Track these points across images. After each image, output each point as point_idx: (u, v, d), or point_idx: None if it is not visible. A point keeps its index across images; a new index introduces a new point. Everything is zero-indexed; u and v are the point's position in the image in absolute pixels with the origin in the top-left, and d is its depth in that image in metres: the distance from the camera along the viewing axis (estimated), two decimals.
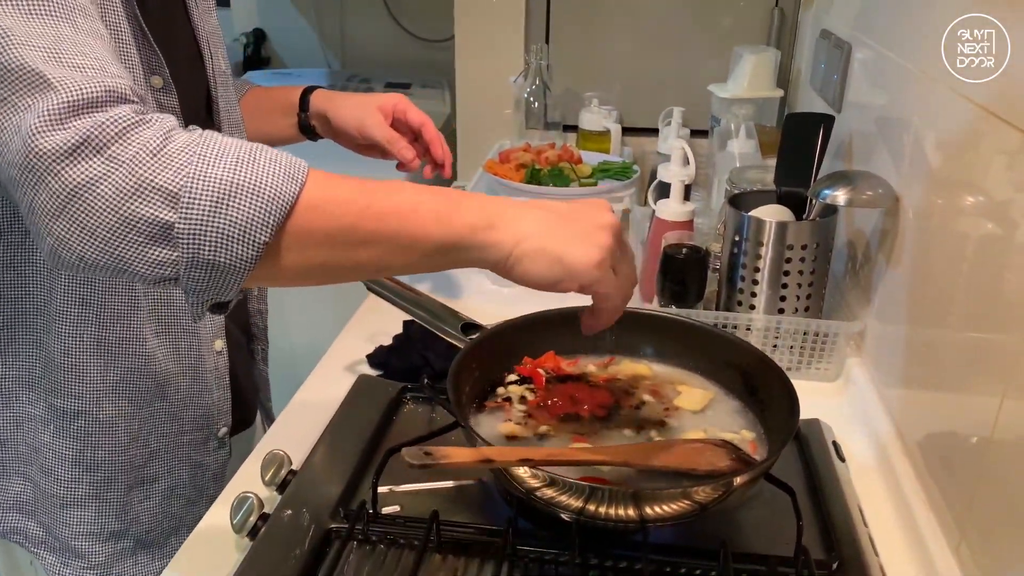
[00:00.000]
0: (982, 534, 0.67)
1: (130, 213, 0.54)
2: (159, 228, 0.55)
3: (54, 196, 0.54)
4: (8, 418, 0.83)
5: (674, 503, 0.67)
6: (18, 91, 0.56)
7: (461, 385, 0.79)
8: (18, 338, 0.80)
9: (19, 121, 0.55)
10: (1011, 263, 0.67)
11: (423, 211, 0.61)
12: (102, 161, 0.54)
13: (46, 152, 0.54)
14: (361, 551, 0.72)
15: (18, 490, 0.85)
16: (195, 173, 0.55)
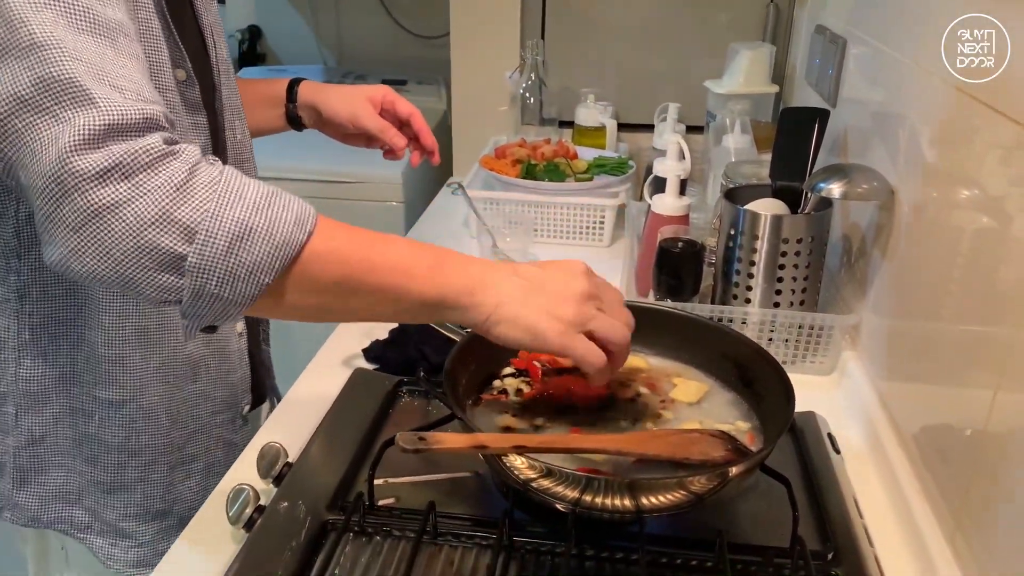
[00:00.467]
0: (977, 524, 0.68)
1: (147, 241, 0.57)
2: (172, 258, 0.58)
3: (77, 212, 0.57)
4: (47, 416, 0.84)
5: (670, 493, 0.67)
6: (61, 102, 0.58)
7: (457, 378, 0.79)
8: (59, 336, 0.82)
9: (57, 133, 0.57)
10: (1005, 256, 0.68)
11: (415, 271, 0.65)
12: (129, 187, 0.57)
13: (78, 171, 0.56)
14: (357, 543, 0.72)
15: (60, 482, 0.87)
16: (214, 211, 0.59)
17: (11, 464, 0.86)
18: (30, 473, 0.86)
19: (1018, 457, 0.62)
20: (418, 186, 2.04)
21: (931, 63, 0.88)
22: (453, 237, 1.47)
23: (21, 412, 0.84)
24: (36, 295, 0.80)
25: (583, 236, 1.44)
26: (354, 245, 0.65)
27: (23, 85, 0.58)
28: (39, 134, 0.58)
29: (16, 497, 0.87)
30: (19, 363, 0.82)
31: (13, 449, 0.85)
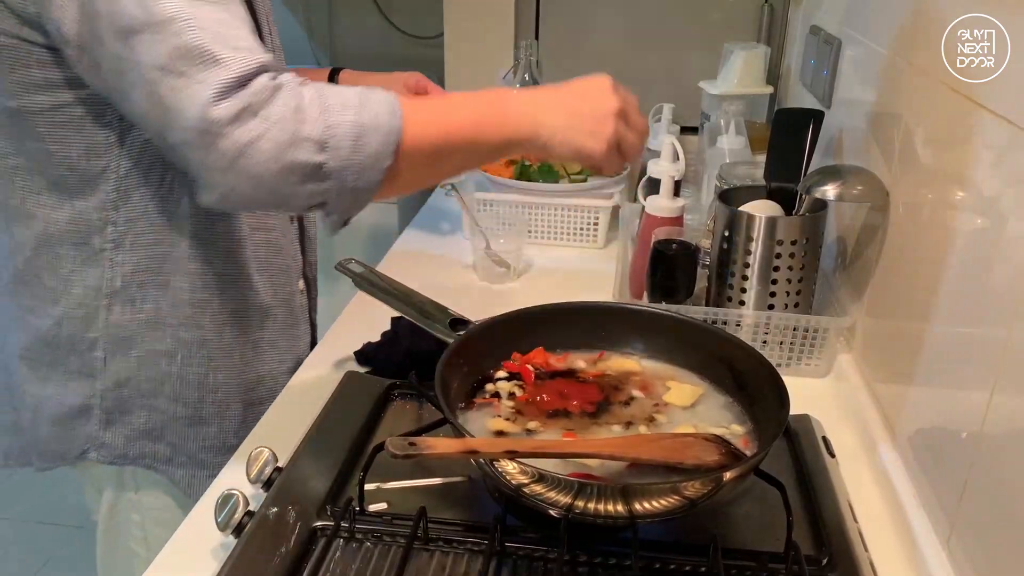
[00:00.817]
0: (972, 528, 0.67)
1: (289, 160, 0.69)
2: (312, 169, 0.70)
3: (225, 154, 0.67)
4: (132, 359, 0.91)
5: (664, 498, 0.66)
6: (196, 67, 0.67)
7: (449, 381, 0.79)
8: (147, 283, 0.89)
9: (196, 92, 0.67)
10: (999, 257, 0.67)
11: (487, 126, 0.79)
12: (259, 122, 0.68)
13: (218, 119, 0.66)
14: (347, 548, 0.71)
15: (143, 420, 0.93)
16: (332, 122, 0.70)
17: (98, 407, 0.92)
18: (115, 414, 0.92)
19: (1014, 460, 0.62)
20: None
21: (926, 64, 0.87)
22: (447, 238, 1.46)
23: (108, 356, 0.90)
24: (129, 245, 0.87)
25: (577, 237, 1.43)
26: (435, 115, 0.78)
27: (162, 56, 0.67)
28: (180, 95, 0.67)
29: (103, 437, 0.93)
30: (110, 310, 0.88)
31: (100, 392, 0.91)
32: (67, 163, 0.83)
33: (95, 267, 0.87)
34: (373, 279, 0.97)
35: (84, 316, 0.88)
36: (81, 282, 0.88)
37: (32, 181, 0.85)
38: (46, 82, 0.79)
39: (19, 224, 0.87)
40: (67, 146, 0.82)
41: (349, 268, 0.98)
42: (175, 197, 0.86)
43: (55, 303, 0.88)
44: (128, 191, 0.85)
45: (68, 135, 0.81)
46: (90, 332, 0.89)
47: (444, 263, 1.37)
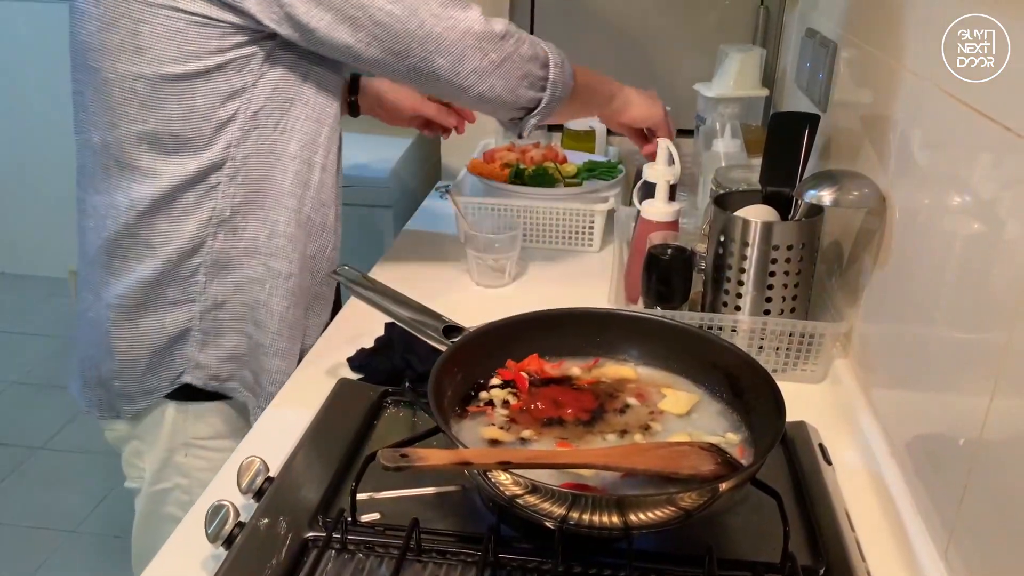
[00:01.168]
0: (971, 536, 0.67)
1: (529, 71, 1.02)
2: (541, 80, 1.04)
3: (493, 61, 0.98)
4: (227, 282, 1.01)
5: (659, 509, 0.66)
6: (456, 10, 0.96)
7: (443, 389, 0.78)
8: (251, 213, 1.00)
9: (471, 19, 0.96)
10: (997, 262, 0.67)
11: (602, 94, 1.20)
12: (515, 41, 1.00)
13: (495, 32, 0.98)
14: (339, 560, 0.70)
15: (234, 344, 1.04)
16: (548, 49, 1.05)
17: (196, 328, 1.02)
18: (211, 336, 1.03)
19: (1014, 467, 0.61)
20: (406, 189, 2.02)
21: (922, 67, 0.87)
22: (441, 241, 1.45)
23: (208, 280, 1.00)
24: (242, 178, 0.98)
25: (572, 241, 1.42)
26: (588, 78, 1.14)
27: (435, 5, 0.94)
28: (458, 24, 0.95)
29: (199, 358, 1.03)
30: (215, 237, 0.99)
31: (199, 314, 1.01)
32: (208, 112, 0.94)
33: (209, 199, 0.98)
34: (366, 285, 0.96)
35: (193, 247, 0.99)
36: (194, 216, 0.98)
37: (163, 144, 0.95)
38: (218, 48, 0.92)
39: (141, 183, 0.96)
40: (211, 97, 0.94)
41: (342, 274, 0.97)
42: (285, 139, 0.99)
43: (166, 244, 0.98)
44: (249, 131, 0.97)
45: (217, 87, 0.94)
46: (195, 259, 0.99)
47: (438, 267, 1.36)
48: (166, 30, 0.90)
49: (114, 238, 0.99)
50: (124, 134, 0.95)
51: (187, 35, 0.91)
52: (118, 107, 0.94)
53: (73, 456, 2.49)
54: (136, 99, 0.93)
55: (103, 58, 0.93)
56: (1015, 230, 0.64)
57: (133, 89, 0.93)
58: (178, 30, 0.91)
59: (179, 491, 1.07)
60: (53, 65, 3.20)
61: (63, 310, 3.17)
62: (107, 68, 0.93)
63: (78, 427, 2.62)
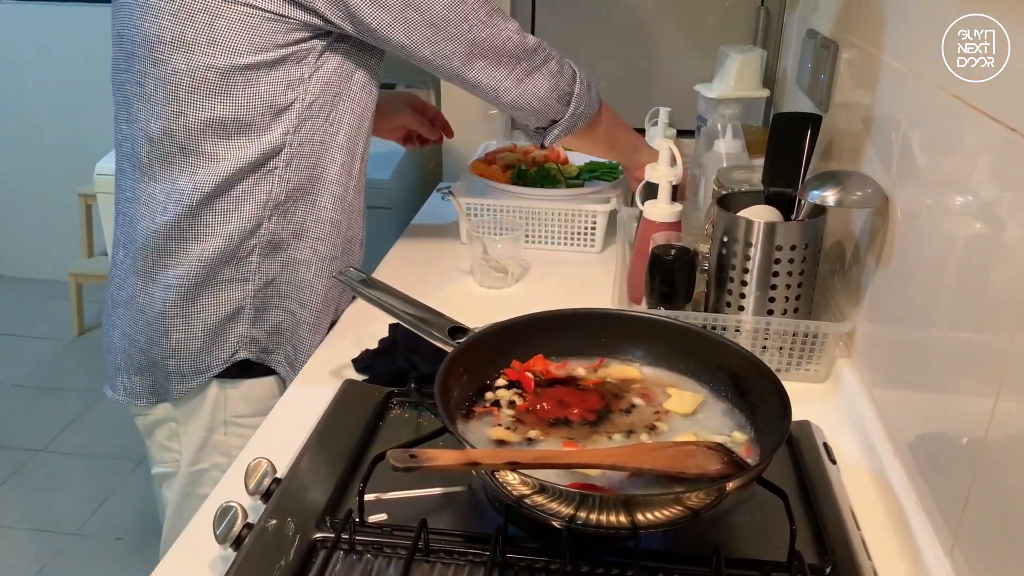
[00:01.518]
0: (976, 537, 0.67)
1: (557, 84, 1.12)
2: (567, 94, 1.14)
3: (525, 70, 1.09)
4: (277, 262, 1.08)
5: (666, 509, 0.66)
6: (500, 19, 1.06)
7: (449, 390, 0.78)
8: (300, 198, 1.07)
9: (507, 33, 1.06)
10: (1000, 262, 0.67)
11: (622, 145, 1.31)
12: (546, 54, 1.11)
13: (530, 44, 1.08)
14: (348, 560, 0.70)
15: (277, 320, 1.10)
16: (574, 67, 1.16)
17: (250, 305, 1.07)
18: (261, 312, 1.09)
19: (1017, 467, 0.61)
20: (407, 190, 2.03)
21: (923, 68, 0.87)
22: (443, 242, 1.45)
23: (261, 260, 1.06)
24: (295, 164, 1.05)
25: (575, 242, 1.43)
26: (609, 123, 1.25)
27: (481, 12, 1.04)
28: (500, 32, 1.05)
29: (252, 332, 1.08)
30: (270, 219, 1.05)
31: (252, 292, 1.07)
32: (270, 100, 1.01)
33: (267, 183, 1.04)
34: (371, 287, 0.96)
35: (251, 229, 1.05)
36: (254, 199, 1.04)
37: (227, 129, 1.00)
38: (285, 42, 0.99)
39: (205, 168, 1.01)
40: (274, 85, 1.00)
41: (347, 276, 0.98)
42: (334, 130, 1.06)
43: (226, 224, 1.03)
44: (304, 120, 1.03)
45: (279, 76, 1.00)
46: (252, 240, 1.05)
47: (441, 268, 1.36)
48: (241, 25, 0.97)
49: (175, 222, 1.03)
50: (191, 121, 1.00)
51: (259, 30, 0.97)
52: (186, 96, 0.99)
53: (74, 459, 2.49)
54: (205, 87, 0.99)
55: (175, 50, 0.98)
56: (1017, 231, 0.64)
57: (204, 78, 0.98)
58: (252, 25, 0.97)
59: (216, 470, 1.11)
60: (53, 68, 3.21)
61: (63, 313, 3.17)
62: (179, 59, 0.98)
63: (78, 430, 2.62)
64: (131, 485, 2.36)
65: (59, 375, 2.91)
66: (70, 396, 2.76)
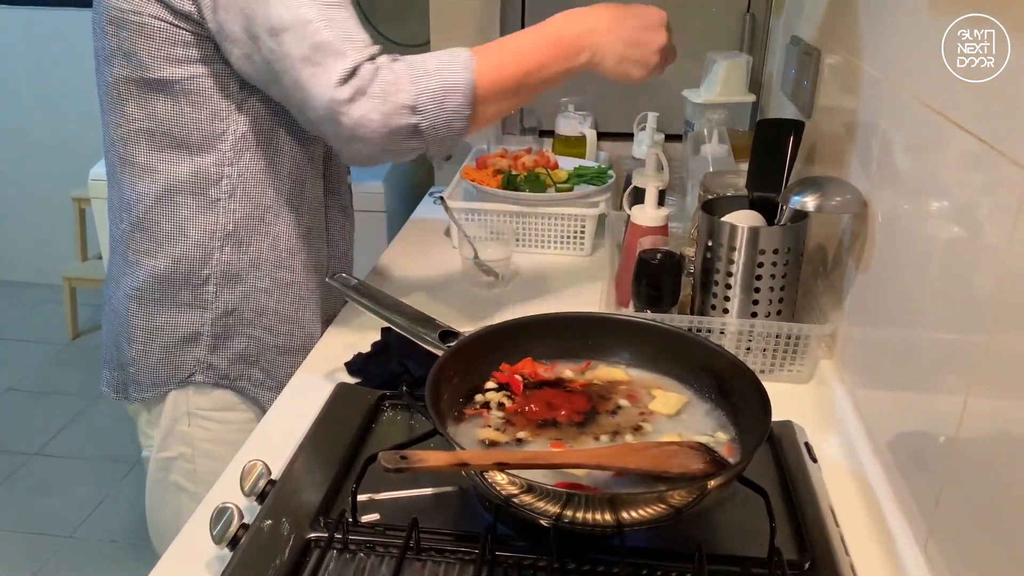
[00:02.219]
0: (949, 531, 0.69)
1: (393, 125, 0.90)
2: (410, 129, 0.91)
3: (347, 125, 0.89)
4: (237, 292, 1.07)
5: (650, 507, 0.68)
6: (327, 58, 0.88)
7: (439, 392, 0.80)
8: (252, 228, 1.06)
9: (326, 78, 0.88)
10: (973, 265, 0.69)
11: (549, 61, 0.98)
12: (368, 100, 0.89)
13: (340, 98, 0.88)
14: (341, 560, 0.72)
15: (243, 346, 1.10)
16: (419, 90, 0.90)
17: (207, 333, 1.07)
18: (221, 340, 1.08)
19: (988, 463, 0.64)
20: (400, 195, 2.05)
21: (899, 77, 0.90)
22: (435, 246, 1.47)
23: (219, 290, 1.06)
24: (240, 195, 1.04)
25: (564, 245, 1.45)
26: (506, 61, 0.96)
27: (304, 48, 0.88)
28: (317, 79, 0.88)
29: (209, 359, 1.08)
30: (222, 250, 1.05)
31: (210, 320, 1.07)
32: (194, 125, 1.00)
33: (211, 214, 1.03)
34: (363, 292, 0.98)
35: (201, 255, 1.04)
36: (198, 226, 1.04)
37: (157, 141, 1.01)
38: (185, 58, 0.97)
39: (142, 179, 1.02)
40: (197, 110, 0.99)
41: (338, 281, 1.00)
42: (279, 159, 1.05)
43: (174, 244, 1.04)
44: (242, 151, 1.02)
45: (199, 101, 0.99)
46: (205, 269, 1.05)
47: (432, 272, 1.38)
48: (139, 35, 0.96)
49: (129, 231, 1.06)
50: (126, 132, 1.01)
51: (154, 40, 0.96)
52: (119, 107, 1.01)
53: (68, 462, 2.50)
54: (132, 100, 1.00)
55: (104, 63, 1.02)
56: (989, 234, 0.67)
57: (129, 91, 1.00)
58: (147, 35, 0.96)
59: (183, 459, 1.12)
60: (47, 72, 3.22)
61: (57, 317, 3.18)
62: (106, 71, 1.01)
63: (73, 433, 2.63)
64: (126, 488, 2.37)
65: (54, 379, 2.92)
66: (65, 399, 2.77)
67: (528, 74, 0.97)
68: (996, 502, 0.62)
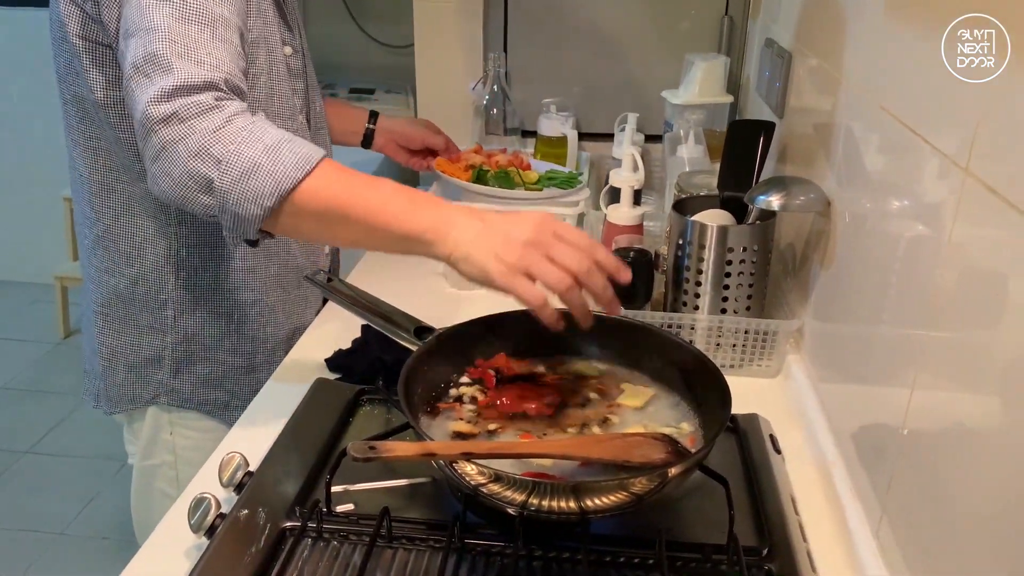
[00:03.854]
0: (898, 516, 0.72)
1: (191, 167, 0.80)
2: (205, 182, 0.80)
3: (153, 147, 0.80)
4: (198, 317, 1.07)
5: (612, 495, 0.71)
6: (155, 71, 0.81)
7: (413, 387, 0.82)
8: (207, 253, 1.05)
9: (146, 91, 0.80)
10: (926, 263, 0.72)
11: (390, 210, 0.81)
12: (183, 128, 0.79)
13: (153, 116, 0.80)
14: (315, 548, 0.75)
15: (205, 371, 1.10)
16: (235, 150, 0.79)
17: (169, 357, 1.08)
18: (183, 363, 1.08)
19: (930, 454, 0.67)
20: None
21: (860, 81, 0.93)
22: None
23: (178, 315, 1.06)
24: (190, 222, 1.03)
25: None
26: (343, 186, 0.82)
27: (139, 56, 0.82)
28: (140, 91, 0.81)
29: (172, 383, 1.09)
30: (177, 275, 1.05)
31: (171, 345, 1.07)
32: (133, 149, 0.96)
33: (164, 239, 1.03)
34: (340, 289, 1.00)
35: (156, 279, 1.04)
36: (153, 250, 1.04)
37: (112, 160, 1.01)
38: (116, 78, 0.94)
39: (102, 196, 1.02)
40: (132, 134, 0.91)
41: (316, 279, 1.02)
42: None
43: (130, 265, 1.04)
44: None
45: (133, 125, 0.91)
46: (161, 294, 1.05)
47: (415, 271, 1.40)
48: (71, 53, 0.96)
49: (91, 246, 1.07)
50: (83, 150, 1.02)
51: (85, 57, 0.95)
52: (75, 124, 1.02)
53: (59, 460, 2.52)
54: (86, 119, 1.00)
55: (59, 80, 1.01)
56: (941, 234, 0.69)
57: (83, 109, 1.00)
58: (77, 53, 0.95)
59: (166, 467, 1.13)
60: (36, 72, 3.22)
61: (49, 316, 3.19)
62: (62, 88, 1.02)
63: (64, 432, 2.64)
64: (116, 486, 2.39)
65: (45, 378, 2.93)
66: (56, 398, 2.79)
67: (356, 208, 0.81)
68: (939, 487, 0.65)
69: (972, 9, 0.63)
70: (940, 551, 0.64)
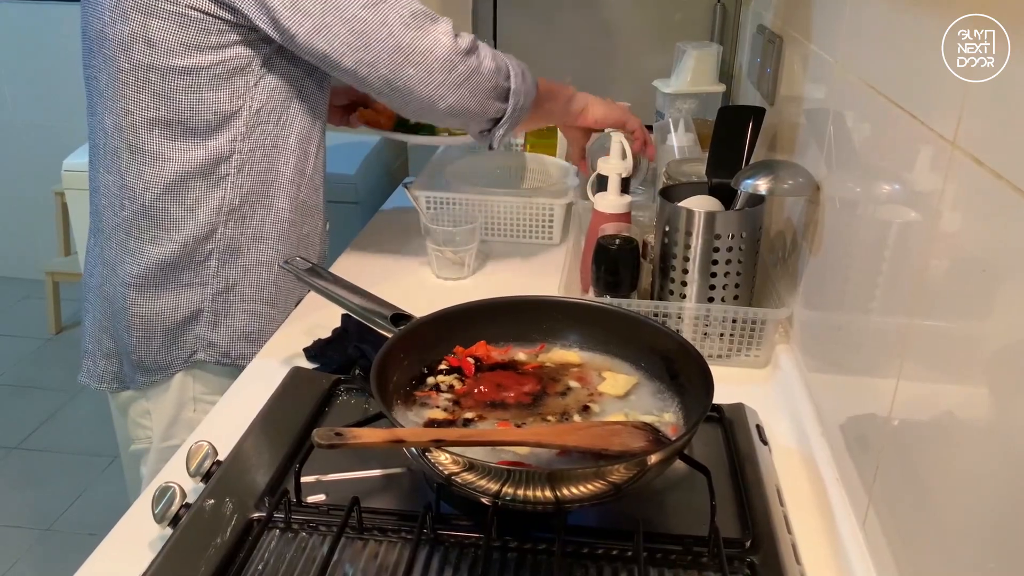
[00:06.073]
0: (884, 507, 0.70)
1: (496, 83, 1.07)
2: (505, 91, 1.08)
3: (462, 75, 1.02)
4: (239, 267, 1.10)
5: (589, 484, 0.68)
6: (426, 22, 1.01)
7: (387, 375, 0.80)
8: (256, 203, 1.09)
9: (438, 35, 1.00)
10: (915, 251, 0.69)
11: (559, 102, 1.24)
12: (480, 55, 1.05)
13: (462, 48, 1.02)
14: (283, 539, 0.72)
15: (244, 323, 1.13)
16: (505, 63, 1.08)
17: (208, 309, 1.10)
18: (221, 316, 1.11)
19: (915, 444, 0.64)
20: (374, 185, 2.04)
21: (851, 64, 0.90)
22: (405, 235, 1.47)
23: (219, 265, 1.09)
24: (247, 170, 1.07)
25: (532, 234, 1.45)
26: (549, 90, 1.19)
27: (405, 16, 0.99)
28: (428, 38, 1.00)
29: (211, 337, 1.11)
30: (225, 225, 1.08)
31: (211, 296, 1.10)
32: (215, 107, 1.02)
33: (219, 189, 1.06)
34: (318, 276, 0.98)
35: (206, 233, 1.07)
36: (206, 205, 1.06)
37: (172, 130, 1.02)
38: (217, 44, 0.99)
39: (152, 167, 1.04)
40: (216, 92, 1.01)
41: (294, 265, 1.00)
42: (285, 134, 1.08)
43: (181, 229, 1.06)
44: (253, 127, 1.05)
45: (220, 84, 1.01)
46: (208, 244, 1.08)
47: (401, 260, 1.38)
48: (171, 24, 0.98)
49: (131, 219, 1.06)
50: (137, 120, 1.02)
51: (189, 30, 0.98)
52: (133, 95, 1.01)
53: (47, 456, 2.50)
54: (149, 88, 1.01)
55: (118, 49, 1.00)
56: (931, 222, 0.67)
57: (147, 79, 1.00)
58: (181, 24, 0.98)
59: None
60: (27, 66, 3.21)
61: (39, 311, 3.17)
62: (122, 58, 1.00)
63: (53, 427, 2.62)
64: (105, 481, 2.37)
65: (35, 373, 2.91)
66: (46, 394, 2.77)
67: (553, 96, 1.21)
68: (923, 480, 0.62)
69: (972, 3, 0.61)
70: (926, 542, 0.62)
